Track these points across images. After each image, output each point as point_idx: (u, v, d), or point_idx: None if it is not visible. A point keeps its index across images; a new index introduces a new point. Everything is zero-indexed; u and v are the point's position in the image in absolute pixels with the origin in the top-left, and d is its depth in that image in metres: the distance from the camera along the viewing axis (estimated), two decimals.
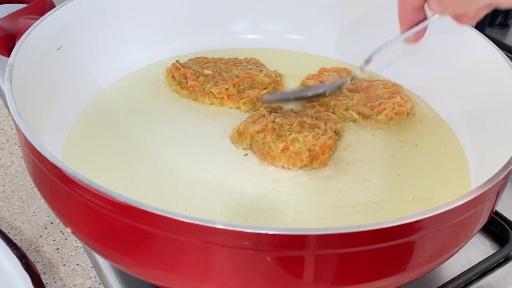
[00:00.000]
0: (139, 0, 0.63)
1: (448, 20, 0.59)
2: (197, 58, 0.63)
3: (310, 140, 0.50)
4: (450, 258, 0.41)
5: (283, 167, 0.50)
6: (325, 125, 0.53)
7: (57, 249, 0.49)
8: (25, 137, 0.37)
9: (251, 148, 0.52)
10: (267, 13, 0.69)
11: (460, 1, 0.43)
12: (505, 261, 0.51)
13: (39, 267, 0.47)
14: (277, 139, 0.50)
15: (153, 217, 0.32)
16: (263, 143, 0.50)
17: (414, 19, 0.48)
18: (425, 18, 0.48)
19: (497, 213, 0.54)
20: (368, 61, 0.52)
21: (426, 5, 0.47)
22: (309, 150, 0.50)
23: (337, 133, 0.53)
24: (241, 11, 0.68)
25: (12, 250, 0.44)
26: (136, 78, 0.62)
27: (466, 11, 0.44)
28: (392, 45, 0.51)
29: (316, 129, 0.51)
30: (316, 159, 0.50)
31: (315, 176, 0.49)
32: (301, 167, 0.50)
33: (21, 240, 0.50)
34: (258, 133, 0.51)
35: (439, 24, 0.60)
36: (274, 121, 0.52)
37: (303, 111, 0.56)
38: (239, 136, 0.52)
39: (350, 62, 0.67)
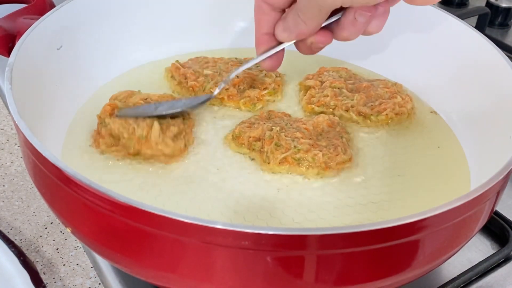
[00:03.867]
0: (139, 0, 0.63)
1: (448, 20, 0.59)
2: (197, 58, 0.63)
3: (320, 157, 0.49)
4: (450, 258, 0.41)
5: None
6: (341, 138, 0.51)
7: (57, 249, 0.49)
8: (25, 137, 0.37)
9: (249, 154, 0.51)
10: None
11: (305, 21, 0.44)
12: (505, 261, 0.51)
13: (39, 267, 0.47)
14: (276, 150, 0.49)
15: (153, 217, 0.32)
16: (261, 152, 0.50)
17: (268, 42, 0.49)
18: (278, 43, 0.48)
19: (497, 213, 0.54)
20: (227, 82, 0.53)
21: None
22: (319, 166, 0.49)
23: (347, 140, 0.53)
24: (241, 11, 0.68)
25: (9, 248, 0.44)
26: (136, 78, 0.62)
27: (305, 33, 0.45)
28: (244, 68, 0.52)
29: (331, 149, 0.50)
30: (325, 169, 0.49)
31: (314, 176, 0.49)
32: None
33: (21, 240, 0.50)
34: (255, 141, 0.51)
35: (440, 24, 0.60)
36: (271, 129, 0.51)
37: (300, 118, 0.54)
38: (235, 140, 0.52)
39: (350, 62, 0.67)
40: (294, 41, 0.47)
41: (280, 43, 0.48)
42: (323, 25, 0.45)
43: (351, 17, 0.43)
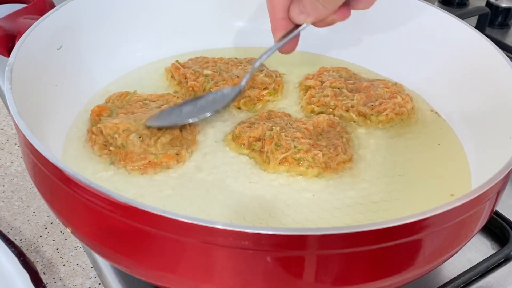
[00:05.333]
0: (139, 0, 0.63)
1: (449, 20, 0.59)
2: (197, 58, 0.63)
3: (321, 157, 0.49)
4: (450, 258, 0.41)
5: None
6: (342, 138, 0.51)
7: (57, 249, 0.49)
8: (25, 137, 0.37)
9: (249, 154, 0.51)
10: (267, 13, 0.69)
11: (324, 5, 0.44)
12: (505, 261, 0.51)
13: (39, 267, 0.47)
14: (276, 150, 0.49)
15: (153, 217, 0.32)
16: (261, 152, 0.50)
17: (285, 27, 0.49)
18: (296, 26, 0.49)
19: (497, 213, 0.54)
20: (252, 72, 0.54)
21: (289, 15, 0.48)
22: (319, 166, 0.49)
23: (347, 140, 0.53)
24: (241, 11, 0.68)
25: (9, 248, 0.44)
26: (136, 78, 0.62)
27: (324, 15, 0.46)
28: (268, 56, 0.52)
29: (331, 149, 0.50)
30: (326, 169, 0.49)
31: (315, 176, 0.49)
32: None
33: (21, 240, 0.50)
34: (256, 141, 0.51)
35: (440, 24, 0.60)
36: (271, 129, 0.51)
37: (300, 118, 0.55)
38: (235, 140, 0.52)
39: (350, 61, 0.67)
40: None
41: (297, 25, 0.48)
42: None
43: None
